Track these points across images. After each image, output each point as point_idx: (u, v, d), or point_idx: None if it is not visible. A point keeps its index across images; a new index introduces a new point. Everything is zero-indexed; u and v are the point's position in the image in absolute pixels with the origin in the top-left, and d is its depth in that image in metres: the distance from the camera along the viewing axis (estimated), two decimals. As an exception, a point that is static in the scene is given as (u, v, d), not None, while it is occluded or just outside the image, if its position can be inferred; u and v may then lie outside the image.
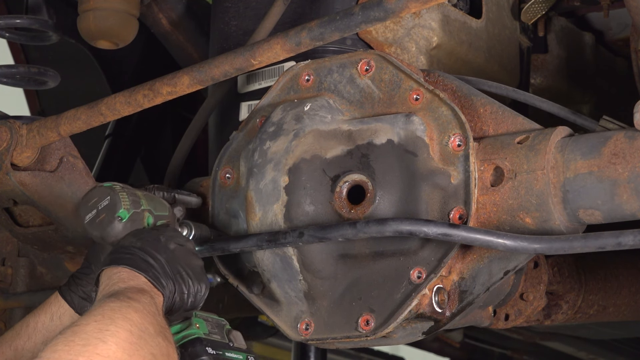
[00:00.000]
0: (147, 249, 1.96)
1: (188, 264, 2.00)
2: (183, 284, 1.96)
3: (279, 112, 2.19)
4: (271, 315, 2.19)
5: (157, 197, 2.13)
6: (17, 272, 2.70)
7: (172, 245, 2.00)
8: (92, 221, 2.04)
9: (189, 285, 1.97)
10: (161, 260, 1.95)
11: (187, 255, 2.01)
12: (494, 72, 2.62)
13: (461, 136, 2.05)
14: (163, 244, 1.99)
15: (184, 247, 2.02)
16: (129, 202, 2.03)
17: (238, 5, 2.58)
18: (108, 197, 2.04)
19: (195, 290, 1.98)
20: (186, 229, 2.14)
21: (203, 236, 2.16)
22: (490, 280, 2.04)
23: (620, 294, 2.87)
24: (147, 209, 2.06)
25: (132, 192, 2.06)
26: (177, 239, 2.03)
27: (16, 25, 3.02)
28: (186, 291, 1.97)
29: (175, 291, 1.95)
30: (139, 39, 2.84)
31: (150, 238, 1.99)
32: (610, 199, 1.95)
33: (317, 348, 3.63)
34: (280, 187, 2.12)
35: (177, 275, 1.96)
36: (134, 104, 2.25)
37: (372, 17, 1.99)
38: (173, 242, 2.01)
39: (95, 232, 2.04)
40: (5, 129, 2.37)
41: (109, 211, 2.02)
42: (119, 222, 2.02)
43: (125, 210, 2.02)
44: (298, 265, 2.12)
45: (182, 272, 1.97)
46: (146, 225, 2.05)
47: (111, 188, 2.05)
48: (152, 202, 2.08)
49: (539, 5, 2.77)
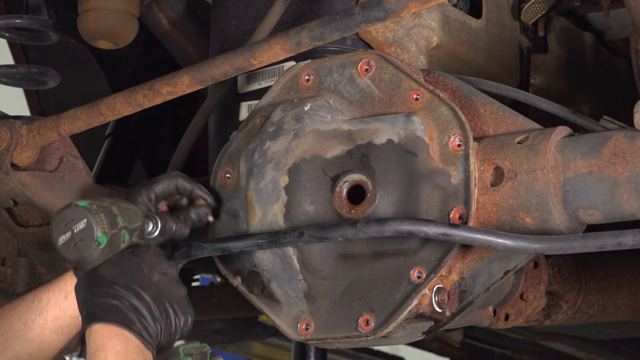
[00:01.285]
0: (132, 287, 1.91)
1: (173, 296, 1.96)
2: (170, 323, 1.93)
3: (279, 112, 2.19)
4: (271, 315, 2.19)
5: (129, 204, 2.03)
6: (17, 272, 2.70)
7: (156, 276, 1.96)
8: (67, 244, 1.95)
9: (176, 322, 1.94)
10: (147, 300, 1.91)
11: (172, 286, 1.97)
12: (494, 72, 2.62)
13: (461, 136, 2.05)
14: (147, 276, 1.95)
15: (167, 276, 1.98)
16: (106, 224, 1.94)
17: (238, 5, 2.58)
18: (84, 219, 1.94)
19: (182, 325, 1.96)
20: (152, 224, 2.07)
21: (168, 227, 2.10)
22: (490, 280, 2.04)
23: (620, 294, 2.87)
24: (124, 226, 1.97)
25: (108, 211, 1.96)
26: (159, 267, 1.98)
27: (16, 25, 3.02)
28: (173, 329, 1.94)
29: (162, 333, 1.92)
30: (139, 39, 2.84)
31: (132, 269, 1.94)
32: (610, 199, 1.95)
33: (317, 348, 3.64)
34: (280, 187, 2.12)
35: (164, 314, 1.93)
36: (134, 104, 2.25)
37: (372, 17, 1.99)
38: (156, 272, 1.97)
39: (71, 256, 1.95)
40: (5, 129, 2.37)
41: (86, 235, 1.93)
42: (97, 247, 1.93)
43: (104, 234, 1.93)
44: (298, 265, 2.12)
45: (168, 309, 1.94)
46: (122, 243, 1.97)
47: (88, 209, 1.94)
48: (127, 215, 1.99)
49: (539, 5, 2.77)
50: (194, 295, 3.42)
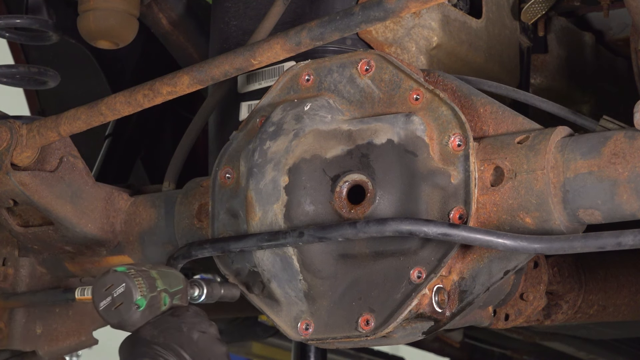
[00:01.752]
0: (171, 346, 1.94)
1: (214, 354, 1.98)
2: None
3: (279, 112, 2.19)
4: (271, 315, 2.19)
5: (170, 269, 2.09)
6: (18, 272, 2.69)
7: (196, 334, 1.98)
8: (108, 309, 2.00)
9: None
10: (186, 358, 1.93)
11: (211, 344, 1.99)
12: (494, 72, 2.62)
13: (461, 136, 2.05)
14: (186, 335, 1.97)
15: (207, 335, 2.00)
16: (145, 288, 2.00)
17: (238, 5, 2.58)
18: (123, 284, 1.99)
19: None
20: (197, 290, 2.11)
21: (215, 293, 2.13)
22: (490, 280, 2.04)
23: (620, 294, 2.87)
24: (163, 289, 2.02)
25: (147, 275, 2.02)
26: (199, 326, 2.00)
27: (16, 25, 3.02)
28: None
29: None
30: (139, 39, 2.84)
31: (172, 329, 1.97)
32: (610, 199, 1.95)
33: (317, 348, 3.63)
34: (280, 187, 2.12)
35: None
36: (134, 104, 2.25)
37: (372, 17, 1.99)
38: (196, 331, 1.99)
39: (113, 320, 2.00)
40: (5, 129, 2.37)
41: (126, 299, 1.99)
42: (137, 310, 1.99)
43: (142, 297, 1.99)
44: (298, 265, 2.12)
45: None
46: (163, 306, 2.02)
47: (126, 274, 2.00)
48: (166, 279, 2.05)
49: (539, 5, 2.77)
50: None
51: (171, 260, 2.25)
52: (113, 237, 2.51)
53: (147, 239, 2.48)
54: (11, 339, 2.68)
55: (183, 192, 2.44)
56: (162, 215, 2.46)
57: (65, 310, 2.77)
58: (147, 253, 2.49)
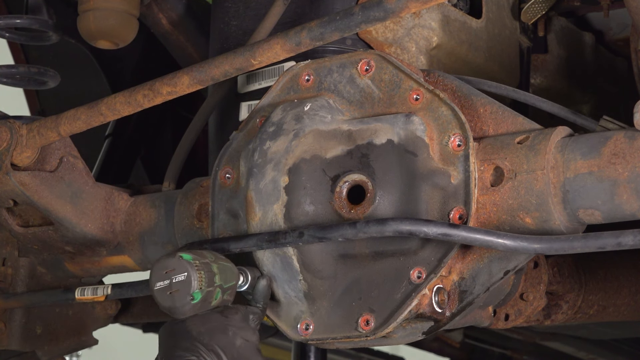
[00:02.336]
0: (214, 348, 1.94)
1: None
2: None
3: (279, 112, 2.19)
4: (271, 315, 2.19)
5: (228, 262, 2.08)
6: (17, 272, 2.69)
7: (239, 341, 1.98)
8: (163, 291, 2.00)
9: None
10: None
11: (251, 353, 1.99)
12: (494, 72, 2.62)
13: (461, 136, 2.05)
14: (230, 340, 1.97)
15: (249, 343, 2.00)
16: (205, 282, 2.00)
17: (238, 5, 2.59)
18: (185, 273, 1.99)
19: None
20: (242, 277, 2.11)
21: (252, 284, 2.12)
22: (490, 280, 2.04)
23: (620, 294, 2.87)
24: (219, 284, 2.03)
25: (208, 268, 2.02)
26: (244, 333, 2.00)
27: (16, 25, 3.02)
28: None
29: None
30: (139, 39, 2.84)
31: (218, 331, 1.97)
32: (610, 199, 1.95)
33: (317, 348, 3.63)
34: (280, 187, 2.12)
35: None
36: (134, 104, 2.25)
37: (372, 17, 1.99)
38: (240, 337, 1.99)
39: (165, 303, 2.01)
40: (5, 129, 2.37)
41: (184, 288, 1.99)
42: (191, 301, 1.99)
43: (199, 291, 1.99)
44: (298, 265, 2.12)
45: None
46: (214, 300, 2.02)
47: (190, 264, 2.00)
48: (224, 275, 2.05)
49: (539, 5, 2.77)
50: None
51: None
52: (113, 237, 2.51)
53: (147, 239, 2.48)
54: (11, 339, 2.69)
55: (183, 192, 2.44)
56: (162, 215, 2.46)
57: (65, 310, 2.77)
58: (147, 253, 2.49)
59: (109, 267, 2.60)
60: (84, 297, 2.46)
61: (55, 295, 2.59)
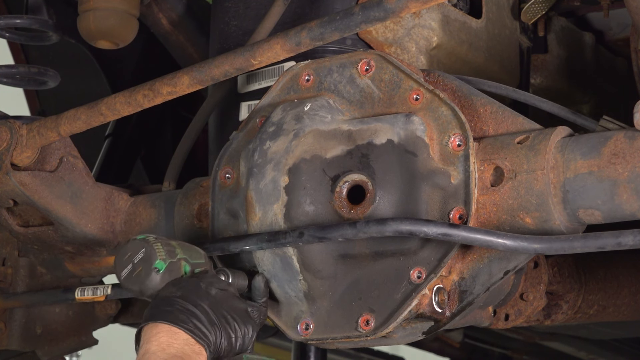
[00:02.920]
0: (188, 296, 1.95)
1: (232, 307, 1.99)
2: (229, 328, 1.96)
3: (279, 112, 2.19)
4: (271, 315, 2.19)
5: (191, 245, 2.10)
6: (17, 272, 2.70)
7: (214, 290, 1.99)
8: (129, 276, 2.02)
9: (236, 328, 1.97)
10: (204, 306, 1.95)
11: (230, 299, 2.01)
12: (494, 72, 2.62)
13: (461, 136, 2.05)
14: (204, 290, 1.98)
15: (225, 292, 2.02)
16: (164, 253, 2.01)
17: (238, 5, 2.59)
18: (142, 249, 2.02)
19: (242, 333, 1.98)
20: (223, 276, 2.11)
21: (240, 284, 2.12)
22: (490, 280, 2.04)
23: (620, 294, 2.87)
24: (183, 258, 2.04)
25: (166, 242, 2.04)
26: (217, 284, 2.02)
27: (16, 25, 3.02)
28: (233, 335, 1.97)
29: (222, 336, 1.95)
30: (139, 39, 2.84)
31: (190, 286, 1.98)
32: (610, 199, 1.95)
33: (317, 348, 3.63)
34: (280, 187, 2.12)
35: (222, 319, 1.96)
36: (134, 104, 2.25)
37: (372, 17, 1.99)
38: (214, 288, 2.00)
39: (134, 286, 2.02)
40: (5, 129, 2.37)
41: (145, 264, 2.01)
42: (157, 273, 2.00)
43: (162, 260, 2.00)
44: (298, 265, 2.12)
45: (227, 316, 1.97)
46: (183, 273, 2.03)
47: (145, 240, 2.03)
48: (187, 251, 2.06)
49: (539, 5, 2.77)
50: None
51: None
52: (113, 237, 2.51)
53: (147, 239, 2.48)
54: (11, 339, 2.69)
55: (183, 192, 2.44)
56: (162, 215, 2.46)
57: (65, 310, 2.78)
58: (147, 253, 2.49)
59: (109, 267, 2.60)
60: (84, 297, 2.47)
61: (55, 295, 2.59)
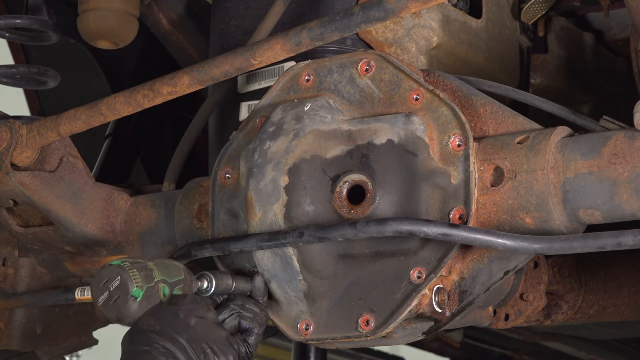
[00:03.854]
0: (167, 332, 1.93)
1: (212, 338, 1.97)
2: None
3: (279, 112, 2.19)
4: (271, 315, 2.19)
5: (170, 260, 2.07)
6: (18, 272, 2.70)
7: (193, 320, 1.97)
8: (107, 303, 1.99)
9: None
10: (182, 342, 1.93)
11: (210, 328, 1.99)
12: (494, 72, 2.62)
13: (461, 136, 2.05)
14: (182, 321, 1.96)
15: (205, 320, 1.99)
16: (140, 279, 1.98)
17: (238, 5, 2.59)
18: (118, 277, 1.99)
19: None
20: (206, 282, 2.09)
21: (224, 286, 2.10)
22: (490, 280, 2.04)
23: (620, 294, 2.87)
24: (161, 279, 2.01)
25: (142, 266, 2.00)
26: (197, 312, 1.99)
27: (16, 25, 3.02)
28: None
29: None
30: (139, 39, 2.84)
31: (168, 317, 1.96)
32: (610, 199, 1.95)
33: (317, 348, 3.63)
34: (280, 187, 2.12)
35: (201, 355, 1.94)
36: (134, 104, 2.25)
37: (372, 17, 1.99)
38: (193, 317, 1.98)
39: (111, 314, 2.00)
40: (5, 129, 2.37)
41: (122, 292, 1.98)
42: (134, 301, 1.97)
43: (139, 288, 1.98)
44: (298, 265, 2.12)
45: (206, 349, 1.95)
46: (162, 297, 2.01)
47: (120, 267, 2.00)
48: (165, 270, 2.03)
49: (539, 5, 2.77)
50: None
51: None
52: (113, 237, 2.51)
53: (147, 239, 2.48)
54: (11, 339, 2.69)
55: (183, 192, 2.44)
56: (162, 215, 2.46)
57: (65, 310, 2.77)
58: (147, 253, 2.49)
59: (106, 264, 2.60)
60: (84, 297, 2.46)
61: (55, 295, 2.59)
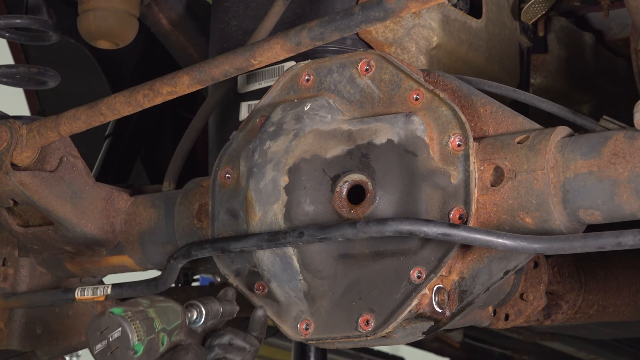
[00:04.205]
0: None
1: None
2: None
3: (279, 112, 2.19)
4: (271, 315, 2.19)
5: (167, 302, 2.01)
6: (18, 272, 2.69)
7: None
8: (104, 353, 1.92)
9: None
10: None
11: None
12: (494, 72, 2.62)
13: (461, 136, 2.05)
14: None
15: None
16: (143, 331, 1.92)
17: (238, 5, 2.59)
18: (120, 328, 1.91)
19: None
20: (195, 312, 2.05)
21: (213, 313, 2.08)
22: (490, 280, 2.04)
23: (620, 294, 2.87)
24: (161, 328, 1.95)
25: (144, 316, 1.94)
26: None
27: (16, 25, 3.02)
28: None
29: None
30: (139, 38, 2.84)
31: None
32: (610, 199, 1.95)
33: (317, 348, 3.64)
34: (280, 187, 2.12)
35: None
36: (134, 104, 2.25)
37: (372, 17, 1.99)
38: None
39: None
40: (5, 129, 2.37)
41: (123, 344, 1.91)
42: (134, 355, 1.91)
43: (140, 342, 1.91)
44: (298, 265, 2.12)
45: None
46: (161, 347, 1.95)
47: (122, 317, 1.92)
48: (165, 316, 1.97)
49: (539, 5, 2.77)
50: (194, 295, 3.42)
51: (171, 261, 2.25)
52: (113, 237, 2.51)
53: (147, 239, 2.48)
54: (11, 339, 2.68)
55: (183, 192, 2.44)
56: (162, 215, 2.46)
57: (65, 310, 2.77)
58: (147, 253, 2.49)
59: (109, 267, 2.60)
60: (84, 297, 2.46)
61: (55, 295, 2.59)
